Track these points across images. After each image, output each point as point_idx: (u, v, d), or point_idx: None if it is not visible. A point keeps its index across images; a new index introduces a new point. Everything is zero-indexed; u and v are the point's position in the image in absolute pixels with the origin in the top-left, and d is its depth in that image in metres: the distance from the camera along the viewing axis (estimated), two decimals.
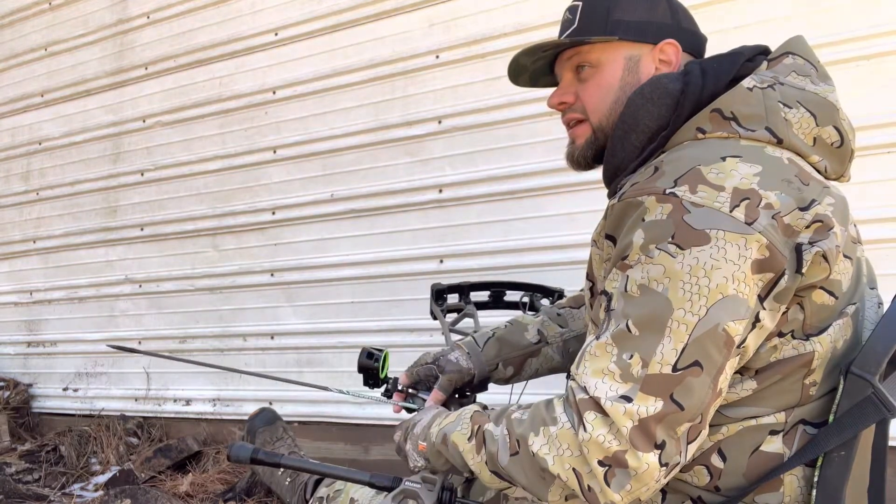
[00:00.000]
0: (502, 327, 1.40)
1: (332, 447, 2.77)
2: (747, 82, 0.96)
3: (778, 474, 0.91)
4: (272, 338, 2.94)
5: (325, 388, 1.34)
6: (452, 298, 1.69)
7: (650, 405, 0.82)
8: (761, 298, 0.85)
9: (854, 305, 0.94)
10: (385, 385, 1.33)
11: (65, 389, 3.46)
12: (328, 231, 2.82)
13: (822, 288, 0.89)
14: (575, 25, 1.10)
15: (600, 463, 0.83)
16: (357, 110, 2.76)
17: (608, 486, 0.83)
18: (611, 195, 1.06)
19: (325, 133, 2.82)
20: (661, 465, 0.82)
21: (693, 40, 1.10)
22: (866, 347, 0.88)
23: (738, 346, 0.85)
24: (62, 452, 2.97)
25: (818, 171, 0.97)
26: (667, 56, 1.06)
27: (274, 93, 2.94)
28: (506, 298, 1.74)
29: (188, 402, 3.12)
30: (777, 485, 0.92)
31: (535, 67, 1.19)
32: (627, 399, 0.82)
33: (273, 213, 2.93)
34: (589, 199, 2.30)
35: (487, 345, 1.36)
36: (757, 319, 0.85)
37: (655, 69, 1.06)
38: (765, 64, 1.02)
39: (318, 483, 1.79)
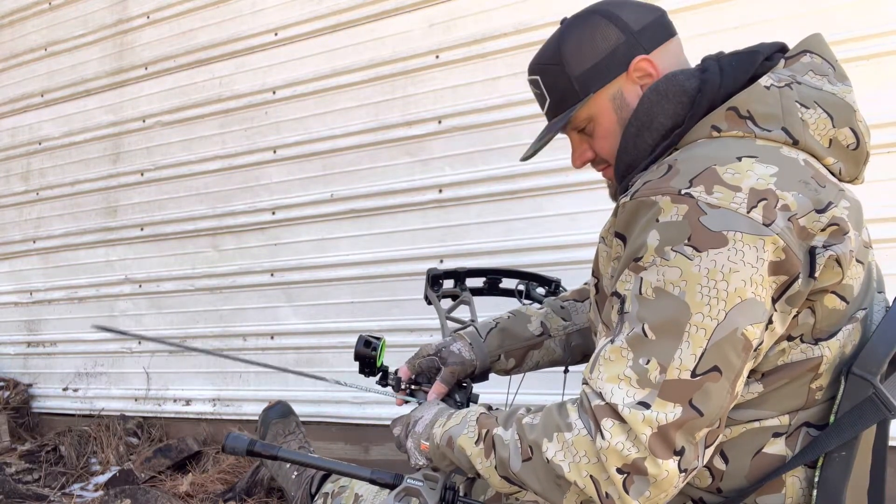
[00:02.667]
0: (505, 318, 1.38)
1: (332, 447, 2.76)
2: (764, 80, 0.95)
3: (779, 474, 0.90)
4: (272, 338, 2.94)
5: (322, 378, 1.32)
6: (448, 284, 1.68)
7: (669, 412, 0.80)
8: (774, 300, 0.84)
9: (864, 310, 0.93)
10: (381, 373, 1.31)
11: (65, 389, 3.46)
12: (328, 231, 2.82)
13: (833, 292, 0.88)
14: (549, 100, 1.10)
15: (618, 471, 0.81)
16: (357, 110, 2.76)
17: (627, 493, 0.82)
18: (621, 192, 1.04)
19: (325, 133, 2.82)
20: (681, 471, 0.81)
21: (655, 31, 1.06)
22: (867, 348, 0.87)
23: (755, 349, 0.84)
24: (62, 452, 2.97)
25: (832, 174, 0.95)
26: (643, 72, 1.04)
27: (274, 93, 2.94)
28: (501, 286, 1.73)
29: (188, 402, 3.12)
30: (779, 486, 0.91)
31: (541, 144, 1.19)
32: (646, 405, 0.81)
33: (273, 213, 2.93)
34: (589, 199, 2.30)
35: (490, 335, 1.34)
36: (770, 321, 0.84)
37: (641, 87, 1.04)
38: (782, 62, 1.00)
39: (324, 478, 1.78)
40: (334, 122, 2.80)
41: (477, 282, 1.72)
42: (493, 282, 1.72)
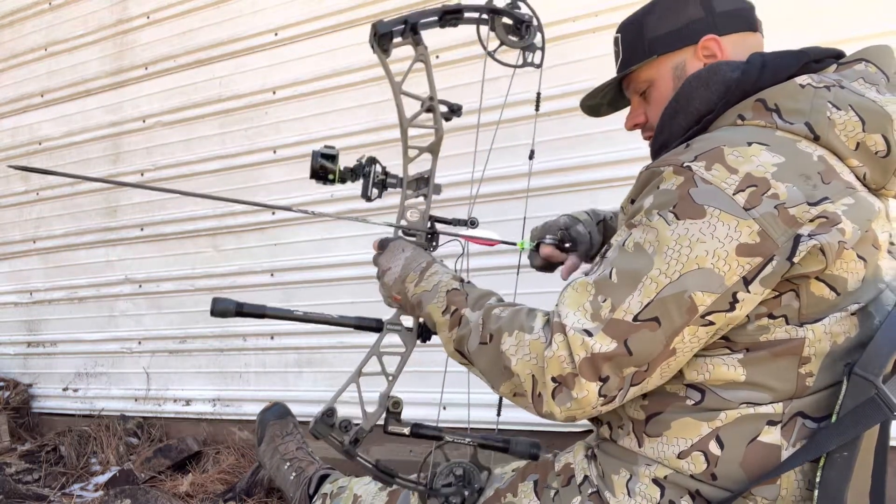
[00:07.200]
0: (610, 215, 1.53)
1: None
2: (801, 79, 0.97)
3: (779, 473, 0.92)
4: (272, 338, 2.94)
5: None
6: None
7: (605, 344, 0.90)
8: (747, 281, 0.88)
9: (858, 305, 0.94)
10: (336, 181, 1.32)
11: (65, 389, 3.46)
12: (328, 231, 2.82)
13: (820, 280, 0.91)
14: (621, 57, 1.19)
15: (553, 379, 0.93)
16: (357, 110, 2.75)
17: (553, 399, 0.93)
18: None
19: (325, 133, 2.81)
20: (600, 395, 0.92)
21: (736, 19, 1.11)
22: (870, 348, 0.88)
23: (703, 317, 0.89)
24: (62, 452, 2.97)
25: (857, 178, 0.96)
26: (709, 51, 1.09)
27: (274, 93, 2.94)
28: None
29: (188, 402, 3.12)
30: (774, 478, 0.93)
31: (606, 100, 1.30)
32: (588, 334, 0.91)
33: (273, 213, 2.93)
34: (590, 199, 2.30)
35: (600, 227, 1.50)
36: (735, 300, 0.89)
37: (704, 65, 1.08)
38: (833, 66, 1.02)
39: (322, 479, 1.79)
40: (334, 122, 2.80)
41: None
42: None
